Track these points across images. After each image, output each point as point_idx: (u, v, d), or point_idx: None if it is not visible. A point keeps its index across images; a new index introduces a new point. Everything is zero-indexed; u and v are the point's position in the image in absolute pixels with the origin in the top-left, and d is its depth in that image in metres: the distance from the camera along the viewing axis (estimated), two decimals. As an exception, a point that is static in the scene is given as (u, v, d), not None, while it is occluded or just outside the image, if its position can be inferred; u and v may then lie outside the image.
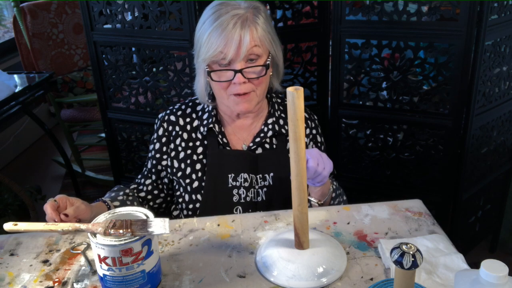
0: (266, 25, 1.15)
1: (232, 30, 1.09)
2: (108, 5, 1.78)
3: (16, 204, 2.16)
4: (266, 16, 1.17)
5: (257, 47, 1.12)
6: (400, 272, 0.69)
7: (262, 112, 1.28)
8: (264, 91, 1.20)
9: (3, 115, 2.16)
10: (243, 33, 1.10)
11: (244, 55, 1.11)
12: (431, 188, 1.78)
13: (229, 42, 1.10)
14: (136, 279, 0.87)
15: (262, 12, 1.16)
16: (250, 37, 1.10)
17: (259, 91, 1.17)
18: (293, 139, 0.87)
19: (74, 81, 2.92)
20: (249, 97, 1.16)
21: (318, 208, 1.16)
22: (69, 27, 2.96)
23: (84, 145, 3.27)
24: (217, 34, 1.10)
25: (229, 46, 1.10)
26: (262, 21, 1.14)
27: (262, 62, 1.15)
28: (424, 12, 1.58)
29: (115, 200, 1.21)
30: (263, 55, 1.15)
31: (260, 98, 1.20)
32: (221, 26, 1.10)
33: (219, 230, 1.09)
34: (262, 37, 1.13)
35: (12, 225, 0.87)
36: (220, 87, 1.16)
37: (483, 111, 1.69)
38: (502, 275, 0.68)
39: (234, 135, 1.27)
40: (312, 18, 1.78)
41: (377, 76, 1.75)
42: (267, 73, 1.16)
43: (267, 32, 1.15)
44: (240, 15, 1.11)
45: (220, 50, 1.10)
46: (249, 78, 1.14)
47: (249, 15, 1.12)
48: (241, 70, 1.12)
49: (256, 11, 1.14)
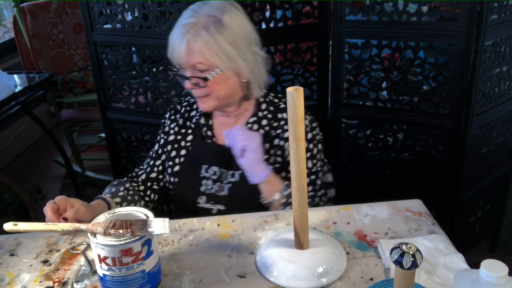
0: (215, 40, 1.15)
1: (181, 37, 1.16)
2: (108, 5, 1.78)
3: (16, 204, 2.16)
4: (226, 26, 1.16)
5: (198, 60, 1.17)
6: (400, 272, 0.69)
7: (246, 111, 1.31)
8: (226, 95, 1.23)
9: (3, 115, 2.16)
10: (188, 43, 1.15)
11: (188, 64, 1.18)
12: (431, 188, 1.78)
13: (178, 48, 1.17)
14: (136, 279, 0.87)
15: (218, 24, 1.16)
16: (191, 49, 1.15)
17: (216, 95, 1.22)
18: (293, 139, 0.87)
19: (74, 81, 2.92)
20: (205, 99, 1.23)
21: (318, 208, 1.16)
22: (69, 27, 2.96)
23: (84, 145, 3.27)
24: (174, 37, 1.19)
25: (177, 52, 1.18)
26: (211, 33, 1.15)
27: (207, 73, 1.18)
28: (424, 12, 1.58)
29: (115, 196, 1.23)
30: (207, 68, 1.18)
31: (222, 101, 1.24)
32: (177, 30, 1.18)
33: (219, 230, 1.09)
34: (204, 53, 1.15)
35: (12, 225, 0.87)
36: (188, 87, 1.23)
37: (483, 111, 1.69)
38: (502, 275, 0.68)
39: (220, 129, 1.32)
40: (312, 18, 1.78)
41: (377, 76, 1.75)
42: (217, 80, 1.19)
43: (215, 46, 1.15)
44: (186, 26, 1.16)
45: (173, 52, 1.20)
46: (195, 85, 1.20)
47: (196, 28, 1.15)
48: (189, 76, 1.20)
49: (211, 22, 1.15)
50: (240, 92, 1.25)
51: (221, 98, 1.23)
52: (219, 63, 1.18)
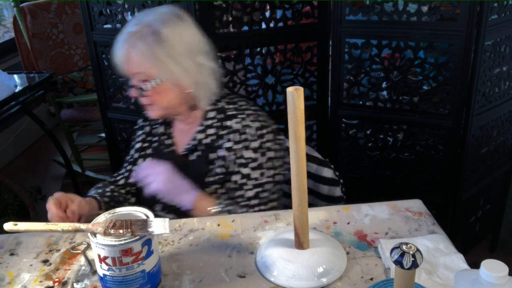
0: (152, 49, 1.14)
1: (117, 47, 1.17)
2: (108, 5, 1.78)
3: (16, 204, 2.16)
4: (164, 38, 1.15)
5: (136, 69, 1.17)
6: (400, 272, 0.69)
7: (196, 120, 1.29)
8: (170, 105, 1.22)
9: (3, 115, 2.16)
10: (123, 52, 1.16)
11: (128, 74, 1.18)
12: (431, 188, 1.78)
13: (119, 58, 1.18)
14: (136, 279, 0.87)
15: (156, 35, 1.14)
16: (126, 59, 1.16)
17: (158, 103, 1.21)
18: (293, 139, 0.87)
19: (74, 81, 2.92)
20: (151, 108, 1.23)
21: (318, 208, 1.16)
22: (69, 27, 2.96)
23: (84, 145, 3.27)
24: (116, 47, 1.19)
25: (119, 61, 1.19)
26: (148, 44, 1.14)
27: (145, 83, 1.18)
28: (424, 12, 1.58)
29: (104, 196, 1.27)
30: (146, 76, 1.18)
31: (168, 110, 1.24)
32: (117, 40, 1.18)
33: (219, 230, 1.09)
34: (141, 60, 1.16)
35: (12, 225, 0.87)
36: None
37: (483, 111, 1.69)
38: (502, 275, 0.68)
39: (179, 137, 1.32)
40: (312, 18, 1.78)
41: (377, 76, 1.75)
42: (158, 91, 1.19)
43: (149, 56, 1.15)
44: (130, 35, 1.16)
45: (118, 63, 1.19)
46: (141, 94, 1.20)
47: (135, 38, 1.15)
48: (133, 85, 1.20)
49: (150, 33, 1.14)
50: (184, 102, 1.24)
51: (164, 108, 1.23)
52: (156, 74, 1.17)
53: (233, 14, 1.70)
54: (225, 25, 1.71)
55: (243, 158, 1.22)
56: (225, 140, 1.23)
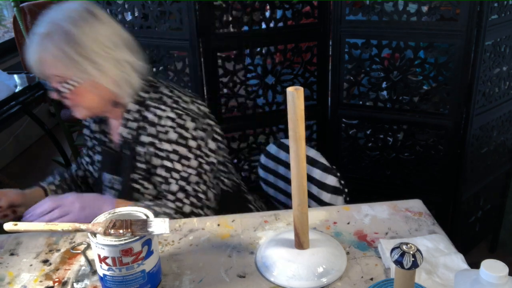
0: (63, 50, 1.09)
1: (29, 49, 1.12)
2: (108, 5, 1.78)
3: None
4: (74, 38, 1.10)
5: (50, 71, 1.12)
6: (400, 272, 0.69)
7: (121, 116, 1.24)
8: (91, 105, 1.18)
9: (3, 115, 2.16)
10: (35, 54, 1.11)
11: (44, 76, 1.14)
12: (431, 188, 1.78)
13: (30, 60, 1.13)
14: (136, 279, 0.87)
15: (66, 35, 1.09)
16: (39, 61, 1.12)
17: (81, 104, 1.17)
18: (293, 139, 0.87)
19: (74, 81, 2.92)
20: (75, 109, 1.19)
21: (318, 208, 1.16)
22: (69, 27, 2.96)
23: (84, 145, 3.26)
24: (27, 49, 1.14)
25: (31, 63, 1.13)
26: (59, 45, 1.09)
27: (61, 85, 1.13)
28: (424, 12, 1.58)
29: (51, 184, 1.38)
30: (62, 78, 1.12)
31: (92, 109, 1.20)
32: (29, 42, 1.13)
33: (219, 230, 1.09)
34: (54, 62, 1.11)
35: (12, 225, 0.87)
36: None
37: (483, 111, 1.69)
38: (502, 275, 0.68)
39: (114, 133, 1.28)
40: (312, 18, 1.78)
41: (377, 76, 1.75)
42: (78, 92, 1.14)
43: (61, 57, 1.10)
44: (41, 36, 1.11)
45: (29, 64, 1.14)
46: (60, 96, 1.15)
47: (46, 39, 1.10)
48: (52, 87, 1.15)
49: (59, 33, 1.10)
50: (106, 101, 1.19)
51: (89, 108, 1.19)
52: (71, 75, 1.11)
53: (233, 14, 1.70)
54: (225, 25, 1.71)
55: (163, 151, 1.17)
56: (145, 133, 1.19)
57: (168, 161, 1.17)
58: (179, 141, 1.17)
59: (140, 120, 1.19)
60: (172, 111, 1.18)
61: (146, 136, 1.18)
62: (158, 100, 1.21)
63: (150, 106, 1.19)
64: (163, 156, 1.17)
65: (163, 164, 1.18)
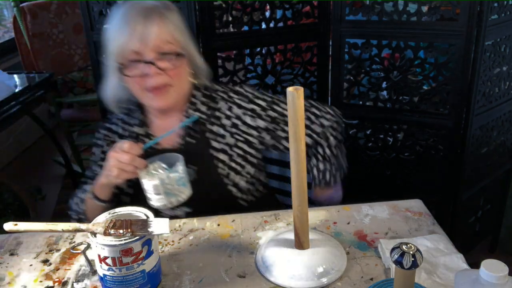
0: (177, 19, 1.15)
1: (136, 21, 1.09)
2: (108, 5, 1.78)
3: (16, 204, 2.16)
4: (178, 14, 1.17)
5: (166, 37, 1.11)
6: (400, 272, 0.69)
7: (181, 110, 1.23)
8: (185, 86, 1.18)
9: (3, 115, 2.16)
10: (149, 23, 1.09)
11: (152, 45, 1.09)
12: (431, 188, 1.78)
13: (135, 33, 1.09)
14: (136, 279, 0.87)
15: (173, 10, 1.16)
16: (156, 29, 1.10)
17: (178, 84, 1.15)
18: (293, 139, 0.87)
19: (74, 81, 2.92)
20: (165, 91, 1.14)
21: (318, 208, 1.16)
22: (69, 27, 2.96)
23: (84, 145, 3.27)
24: (122, 27, 1.10)
25: (134, 37, 1.09)
26: (171, 16, 1.13)
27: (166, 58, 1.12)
28: (424, 12, 1.58)
29: None
30: (175, 46, 1.13)
31: (180, 93, 1.18)
32: (126, 18, 1.11)
33: (219, 230, 1.09)
34: (171, 28, 1.12)
35: (12, 225, 0.87)
36: (135, 83, 1.14)
37: (483, 111, 1.69)
38: (502, 275, 0.68)
39: (159, 134, 1.23)
40: (312, 18, 1.78)
41: (377, 76, 1.75)
42: (182, 64, 1.14)
43: (177, 25, 1.14)
44: (146, 9, 1.11)
45: (125, 42, 1.10)
46: (163, 69, 1.11)
47: (155, 9, 1.12)
48: (153, 61, 1.10)
49: (165, 7, 1.15)
50: (188, 85, 1.20)
51: (179, 88, 1.16)
52: (181, 49, 1.14)
53: (233, 14, 1.70)
54: (225, 25, 1.71)
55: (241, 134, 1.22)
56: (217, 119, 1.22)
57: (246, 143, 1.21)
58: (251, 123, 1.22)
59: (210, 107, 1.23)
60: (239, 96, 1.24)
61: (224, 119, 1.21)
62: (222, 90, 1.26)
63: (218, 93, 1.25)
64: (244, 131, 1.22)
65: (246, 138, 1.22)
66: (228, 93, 1.25)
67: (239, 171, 1.22)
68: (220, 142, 1.21)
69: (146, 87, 1.13)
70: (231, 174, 1.21)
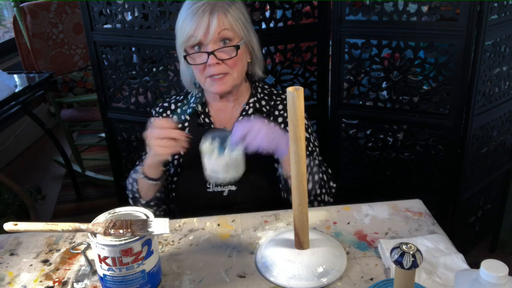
0: (238, 13, 1.21)
1: (201, 14, 1.17)
2: (108, 5, 1.78)
3: (16, 204, 2.16)
4: (241, 6, 1.24)
5: (227, 30, 1.19)
6: (400, 272, 0.69)
7: (242, 96, 1.33)
8: (241, 74, 1.25)
9: (3, 115, 2.16)
10: (212, 16, 1.16)
11: (214, 37, 1.18)
12: (431, 188, 1.78)
13: (198, 25, 1.17)
14: (136, 279, 0.87)
15: (236, 4, 1.23)
16: (219, 20, 1.17)
17: (235, 73, 1.23)
18: (293, 139, 0.87)
19: (74, 81, 2.92)
20: (225, 79, 1.22)
21: (318, 208, 1.16)
22: (69, 27, 2.96)
23: (84, 145, 3.27)
24: (189, 19, 1.18)
25: (198, 29, 1.17)
26: (234, 8, 1.20)
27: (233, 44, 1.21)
28: (424, 12, 1.58)
29: None
30: (234, 38, 1.20)
31: (237, 80, 1.25)
32: (193, 11, 1.18)
33: (219, 230, 1.09)
34: (232, 22, 1.19)
35: (12, 225, 0.87)
36: (197, 70, 1.23)
37: (483, 111, 1.69)
38: (502, 275, 0.68)
39: (218, 118, 1.33)
40: (312, 18, 1.78)
41: (377, 76, 1.75)
42: (239, 54, 1.21)
43: (239, 18, 1.21)
44: (212, 3, 1.18)
45: (190, 33, 1.18)
46: (222, 60, 1.20)
47: (220, 3, 1.19)
48: (213, 51, 1.18)
49: (229, 1, 1.21)
50: (244, 71, 1.28)
51: (237, 76, 1.24)
52: (242, 34, 1.22)
53: (233, 14, 1.70)
54: (225, 25, 1.71)
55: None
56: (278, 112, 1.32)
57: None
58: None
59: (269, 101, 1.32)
60: None
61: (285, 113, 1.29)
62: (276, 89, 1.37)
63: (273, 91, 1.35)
64: None
65: None
66: (281, 93, 1.35)
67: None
68: None
69: (207, 74, 1.22)
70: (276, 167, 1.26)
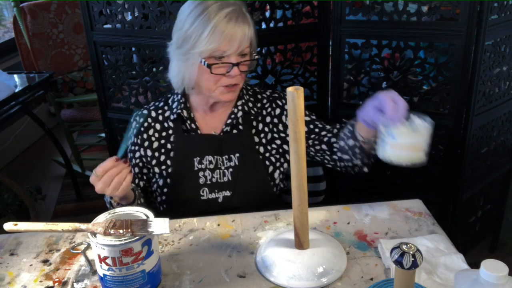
0: (252, 22, 1.22)
1: (233, 27, 1.15)
2: (108, 5, 1.78)
3: (16, 204, 2.16)
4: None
5: (247, 43, 1.20)
6: (400, 272, 0.69)
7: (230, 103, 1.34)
8: (243, 83, 1.30)
9: (3, 115, 2.16)
10: (241, 29, 1.16)
11: (237, 48, 1.18)
12: (431, 188, 1.78)
13: (233, 38, 1.15)
14: (136, 279, 0.87)
15: (246, 10, 1.23)
16: (243, 32, 1.17)
17: (242, 82, 1.26)
18: (293, 139, 0.87)
19: (74, 81, 2.92)
20: (236, 88, 1.24)
21: (318, 208, 1.16)
22: (69, 27, 2.96)
23: (84, 145, 3.27)
24: (220, 30, 1.15)
25: (232, 42, 1.16)
26: (250, 18, 1.21)
27: (249, 56, 1.22)
28: (424, 12, 1.58)
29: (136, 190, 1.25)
30: (252, 51, 1.24)
31: (240, 89, 1.29)
32: (222, 22, 1.15)
33: (219, 230, 1.09)
34: (251, 34, 1.20)
35: (12, 225, 0.87)
36: (213, 79, 1.21)
37: (483, 111, 1.69)
38: (502, 275, 0.68)
39: (205, 122, 1.32)
40: (312, 18, 1.78)
41: (377, 76, 1.75)
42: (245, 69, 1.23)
43: (253, 28, 1.22)
44: (235, 11, 1.17)
45: (223, 45, 1.16)
46: (242, 71, 1.21)
47: (240, 11, 1.18)
48: (238, 63, 1.18)
49: (245, 8, 1.21)
50: None
51: (241, 86, 1.27)
52: (254, 48, 1.24)
53: (233, 14, 1.70)
54: (225, 25, 1.71)
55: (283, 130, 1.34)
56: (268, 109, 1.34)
57: None
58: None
59: (255, 101, 1.34)
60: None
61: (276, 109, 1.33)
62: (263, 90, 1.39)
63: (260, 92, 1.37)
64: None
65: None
66: (269, 94, 1.37)
67: (273, 163, 1.32)
68: (260, 137, 1.31)
69: (222, 84, 1.22)
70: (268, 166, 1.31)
